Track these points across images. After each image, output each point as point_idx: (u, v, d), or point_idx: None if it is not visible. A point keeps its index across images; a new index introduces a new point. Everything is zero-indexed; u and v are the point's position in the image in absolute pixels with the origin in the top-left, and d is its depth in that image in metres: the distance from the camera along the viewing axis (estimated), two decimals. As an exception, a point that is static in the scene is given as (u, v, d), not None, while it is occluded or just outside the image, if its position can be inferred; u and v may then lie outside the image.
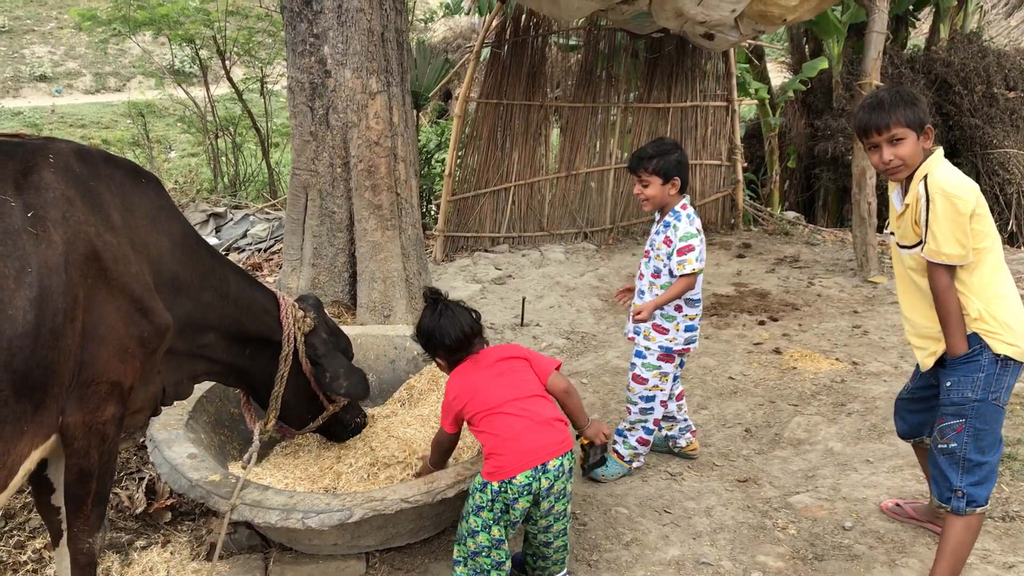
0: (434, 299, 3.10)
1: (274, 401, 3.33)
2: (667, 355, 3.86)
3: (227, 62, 11.41)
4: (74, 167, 2.45)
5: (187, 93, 12.16)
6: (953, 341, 2.92)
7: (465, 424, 3.05)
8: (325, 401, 3.49)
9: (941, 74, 10.11)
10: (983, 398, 2.90)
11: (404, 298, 5.24)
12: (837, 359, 5.53)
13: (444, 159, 8.92)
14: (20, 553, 3.25)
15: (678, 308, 3.81)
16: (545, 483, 2.84)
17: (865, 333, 6.02)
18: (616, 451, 4.04)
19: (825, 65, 10.06)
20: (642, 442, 4.01)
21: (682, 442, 4.19)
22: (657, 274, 3.82)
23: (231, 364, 3.18)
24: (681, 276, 3.69)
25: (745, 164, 9.85)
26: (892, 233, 3.11)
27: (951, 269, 2.85)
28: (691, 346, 3.89)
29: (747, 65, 10.30)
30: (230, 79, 11.53)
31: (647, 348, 3.88)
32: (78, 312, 2.31)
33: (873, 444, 4.30)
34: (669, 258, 3.73)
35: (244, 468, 3.26)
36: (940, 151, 2.94)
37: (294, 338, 3.30)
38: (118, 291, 2.43)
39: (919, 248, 2.90)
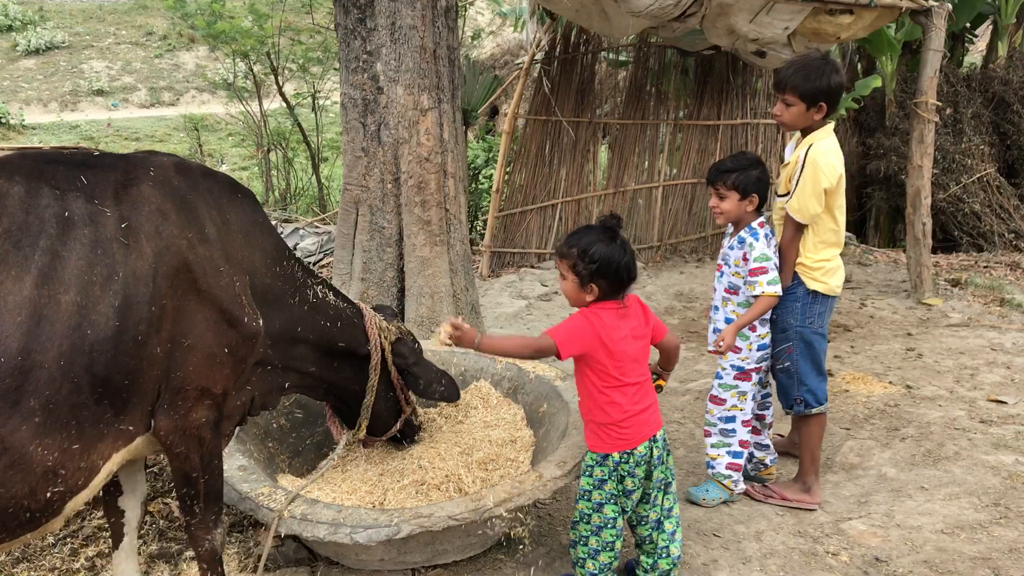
0: (615, 228, 3.05)
1: (365, 410, 3.46)
2: (742, 374, 3.81)
3: (280, 78, 11.61)
4: (173, 181, 2.51)
5: (245, 106, 12.38)
6: (783, 278, 3.67)
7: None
8: (405, 406, 3.62)
9: (999, 92, 9.89)
10: (801, 324, 3.70)
11: (451, 313, 5.24)
12: (890, 382, 5.42)
13: (492, 175, 8.95)
14: (74, 560, 3.30)
15: (752, 328, 3.75)
16: (655, 452, 3.03)
17: (919, 356, 5.89)
18: (717, 478, 3.92)
19: (878, 83, 9.89)
20: (732, 467, 3.87)
21: (768, 461, 4.08)
22: (733, 290, 3.77)
23: (320, 376, 3.26)
24: (758, 297, 3.62)
25: (795, 182, 9.70)
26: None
27: (799, 226, 3.63)
28: (763, 364, 3.83)
29: (798, 83, 10.16)
30: (282, 94, 11.72)
31: (722, 368, 3.84)
32: (165, 322, 2.36)
33: (928, 470, 4.20)
34: (744, 277, 3.70)
35: (322, 469, 3.54)
36: (830, 126, 3.63)
37: (381, 347, 3.38)
38: (207, 302, 2.48)
39: (785, 199, 3.67)
